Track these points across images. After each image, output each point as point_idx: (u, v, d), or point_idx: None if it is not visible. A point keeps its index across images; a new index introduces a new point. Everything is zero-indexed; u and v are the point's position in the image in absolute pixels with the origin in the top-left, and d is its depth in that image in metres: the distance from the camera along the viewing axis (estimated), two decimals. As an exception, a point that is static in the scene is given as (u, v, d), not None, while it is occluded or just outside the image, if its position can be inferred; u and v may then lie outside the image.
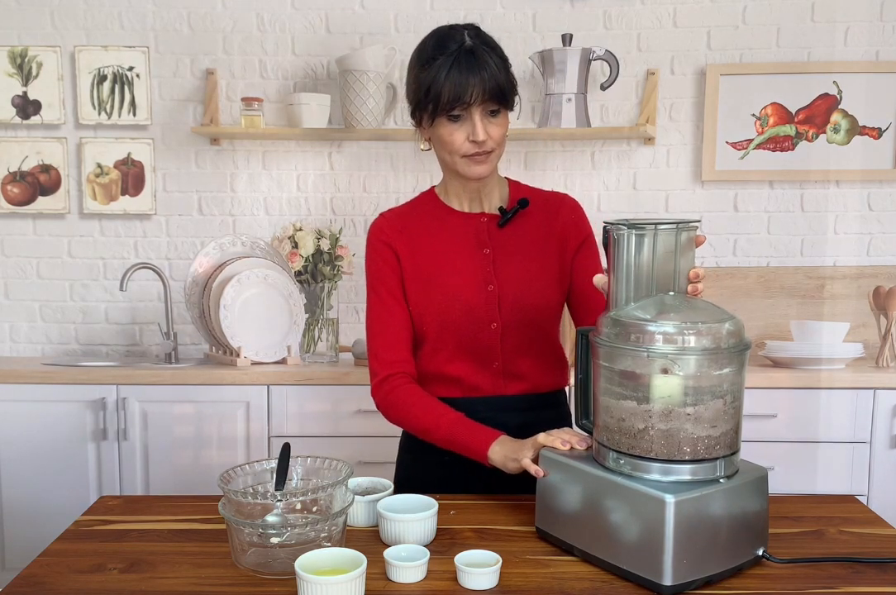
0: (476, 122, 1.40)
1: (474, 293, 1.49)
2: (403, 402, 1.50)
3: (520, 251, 1.53)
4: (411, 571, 1.12)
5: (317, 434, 2.58)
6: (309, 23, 2.97)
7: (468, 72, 1.38)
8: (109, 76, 2.96)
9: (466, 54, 1.39)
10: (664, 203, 2.98)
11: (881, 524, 1.35)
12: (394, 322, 1.52)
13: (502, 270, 1.51)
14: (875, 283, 2.81)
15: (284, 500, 1.20)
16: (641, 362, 1.10)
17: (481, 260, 1.52)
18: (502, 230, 1.53)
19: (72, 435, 2.59)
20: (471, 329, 1.49)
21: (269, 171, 3.03)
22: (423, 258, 1.53)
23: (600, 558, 1.15)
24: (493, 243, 1.53)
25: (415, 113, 1.48)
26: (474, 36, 1.42)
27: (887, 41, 2.88)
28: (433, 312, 1.50)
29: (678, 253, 1.15)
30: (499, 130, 1.43)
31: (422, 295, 1.51)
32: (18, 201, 3.00)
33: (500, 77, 1.40)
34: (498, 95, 1.40)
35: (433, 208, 1.58)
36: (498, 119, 1.43)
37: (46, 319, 3.07)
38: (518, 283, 1.50)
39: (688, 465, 1.10)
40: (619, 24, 2.93)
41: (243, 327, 2.69)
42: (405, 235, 1.54)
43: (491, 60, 1.39)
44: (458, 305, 1.49)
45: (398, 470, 1.65)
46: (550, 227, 1.55)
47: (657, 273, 1.14)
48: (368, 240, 1.57)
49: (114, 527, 1.34)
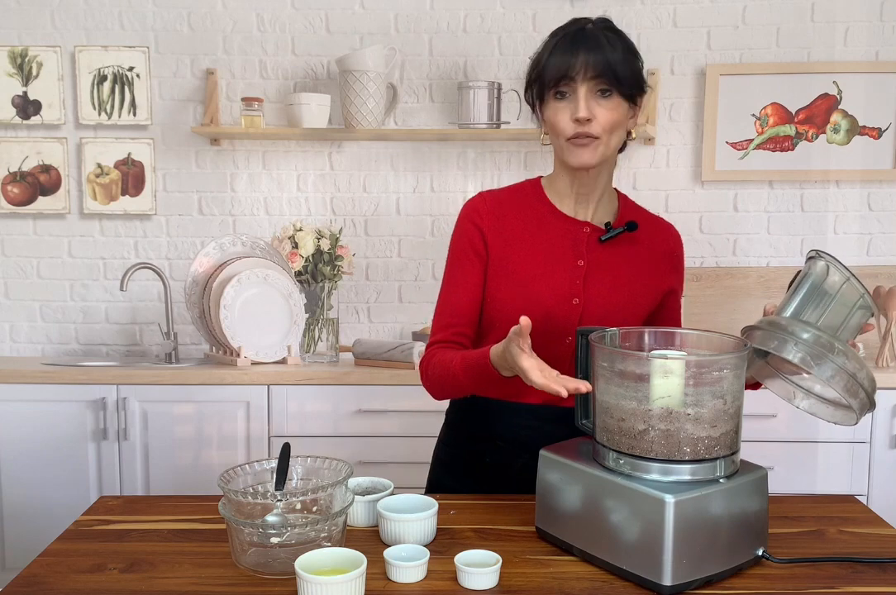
0: (580, 99, 1.32)
1: (557, 303, 1.42)
2: (434, 365, 1.42)
3: (614, 272, 1.45)
4: (411, 571, 1.12)
5: (317, 434, 2.58)
6: (309, 23, 2.97)
7: (578, 47, 1.32)
8: (109, 76, 2.96)
9: (581, 32, 1.34)
10: (664, 203, 2.98)
11: (881, 524, 1.35)
12: (462, 297, 1.45)
13: (592, 287, 1.43)
14: (875, 283, 2.81)
15: (284, 500, 1.20)
16: (641, 363, 1.11)
17: (573, 271, 1.43)
18: (602, 246, 1.45)
19: (72, 435, 2.59)
20: (543, 338, 1.40)
21: (269, 171, 3.03)
22: (512, 252, 1.44)
23: (600, 558, 1.15)
24: (589, 257, 1.44)
25: (527, 95, 1.41)
26: (599, 22, 1.38)
27: (887, 41, 2.88)
28: (510, 309, 1.42)
29: (853, 312, 1.21)
30: (608, 115, 1.33)
31: (502, 287, 1.43)
32: (19, 201, 3.00)
33: (614, 57, 1.32)
34: (607, 73, 1.31)
35: (536, 201, 1.48)
36: (609, 102, 1.33)
37: (47, 319, 3.07)
38: (605, 304, 1.43)
39: (688, 465, 1.10)
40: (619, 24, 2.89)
41: (243, 327, 2.70)
42: (500, 223, 1.45)
43: (608, 42, 1.33)
44: (538, 312, 1.40)
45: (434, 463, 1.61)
46: (651, 255, 1.49)
47: (832, 311, 1.20)
48: (460, 216, 1.49)
49: (114, 527, 1.34)
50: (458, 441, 1.56)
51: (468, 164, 3.00)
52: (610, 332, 1.24)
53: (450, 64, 2.97)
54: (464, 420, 1.55)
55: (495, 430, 1.50)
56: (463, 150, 3.00)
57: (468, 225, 1.47)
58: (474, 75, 2.95)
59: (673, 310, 1.55)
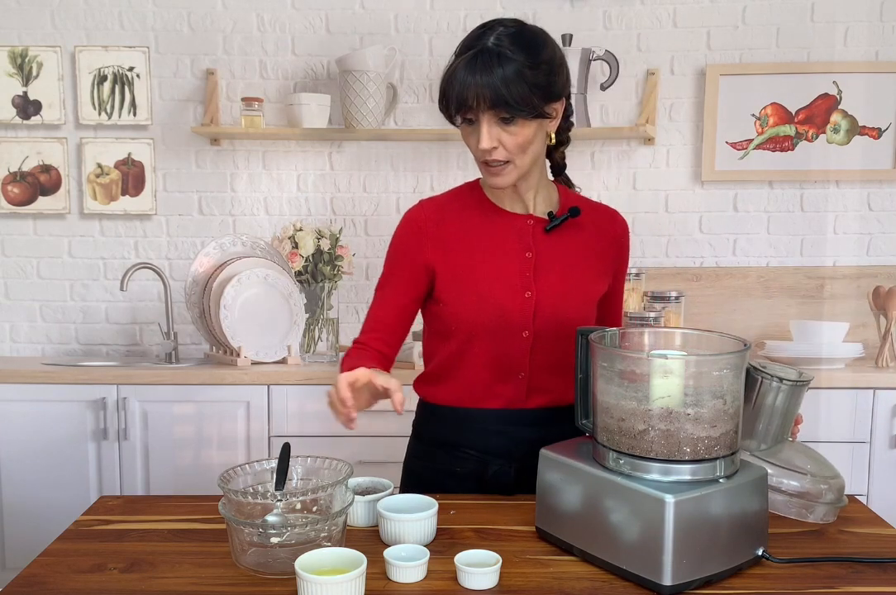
0: (482, 129, 1.32)
1: (509, 297, 1.42)
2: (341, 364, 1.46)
3: (563, 260, 1.46)
4: (411, 571, 1.12)
5: (317, 434, 2.58)
6: (309, 23, 2.97)
7: (474, 73, 1.29)
8: (110, 76, 2.96)
9: (482, 55, 1.29)
10: (664, 203, 2.98)
11: (881, 524, 1.35)
12: (389, 310, 1.49)
13: (543, 278, 1.44)
14: (875, 283, 2.81)
15: (284, 500, 1.20)
16: (641, 363, 1.11)
17: (521, 263, 1.44)
18: (548, 236, 1.46)
19: (72, 435, 2.59)
20: (500, 335, 1.42)
21: (269, 171, 3.03)
22: (459, 254, 1.45)
23: (600, 558, 1.15)
24: (536, 248, 1.45)
25: (441, 106, 1.41)
26: (505, 36, 1.31)
27: (887, 41, 2.88)
28: (463, 312, 1.43)
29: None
30: (512, 140, 1.33)
31: (453, 292, 1.44)
32: (19, 201, 3.00)
33: (506, 83, 1.28)
34: (501, 103, 1.29)
35: (476, 202, 1.49)
36: (513, 127, 1.32)
37: (47, 319, 3.07)
38: (557, 294, 1.44)
39: (688, 465, 1.10)
40: (618, 24, 2.93)
41: (243, 327, 2.70)
42: (441, 229, 1.46)
43: (506, 65, 1.28)
44: (491, 308, 1.41)
45: (405, 475, 1.61)
46: (598, 242, 1.50)
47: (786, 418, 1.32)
48: (400, 225, 1.49)
49: (114, 527, 1.34)
50: (428, 453, 1.54)
51: (468, 163, 3.00)
52: (610, 332, 1.24)
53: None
54: (430, 431, 1.55)
55: (464, 439, 1.49)
56: (463, 150, 3.00)
57: (406, 236, 1.48)
58: (474, 75, 2.95)
59: (619, 282, 1.58)
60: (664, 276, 2.94)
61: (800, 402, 1.33)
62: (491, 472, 1.49)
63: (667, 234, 2.98)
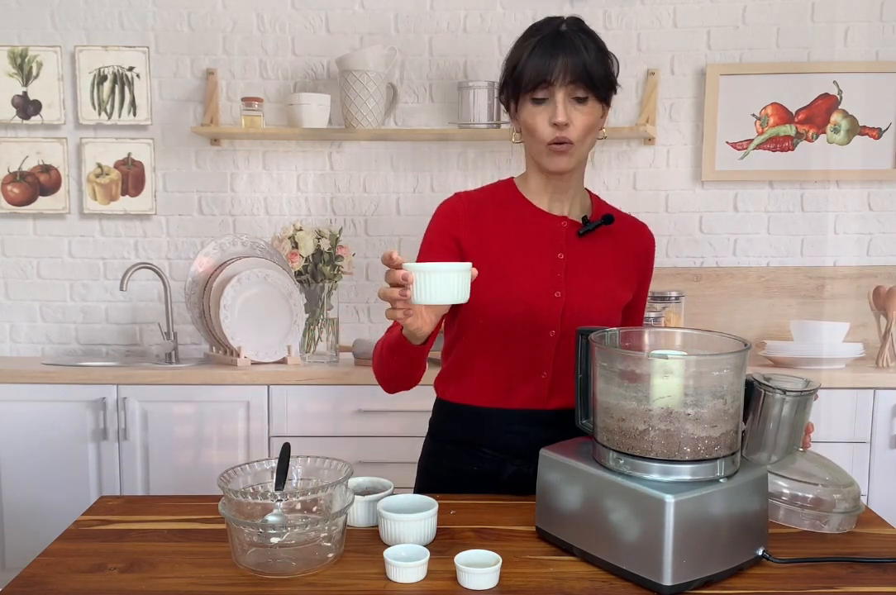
0: (558, 103, 1.34)
1: (539, 296, 1.43)
2: (374, 356, 1.48)
3: (593, 265, 1.47)
4: (411, 571, 1.12)
5: (317, 434, 2.58)
6: (309, 23, 2.97)
7: (554, 51, 1.33)
8: (109, 76, 2.96)
9: (557, 35, 1.35)
10: (664, 203, 2.98)
11: (881, 524, 1.35)
12: None
13: (573, 280, 1.44)
14: (875, 283, 2.81)
15: (284, 500, 1.20)
16: (641, 363, 1.11)
17: (553, 264, 1.45)
18: (580, 240, 1.47)
19: (72, 435, 2.59)
20: (526, 332, 1.42)
21: (269, 171, 3.03)
22: (491, 249, 1.44)
23: (600, 558, 1.15)
24: (568, 250, 1.46)
25: (502, 95, 1.43)
26: (572, 23, 1.39)
27: (887, 41, 2.88)
28: (490, 305, 1.42)
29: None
30: (584, 119, 1.36)
31: (482, 284, 1.38)
32: (19, 201, 3.00)
33: (590, 61, 1.34)
34: (584, 78, 1.34)
35: (511, 199, 1.49)
36: (585, 107, 1.36)
37: (47, 319, 3.07)
38: (586, 296, 1.44)
39: (688, 465, 1.10)
40: (618, 24, 2.93)
41: (243, 327, 2.70)
42: (477, 222, 1.46)
43: (583, 45, 1.35)
44: (520, 306, 1.41)
45: (420, 474, 1.60)
46: (627, 252, 1.51)
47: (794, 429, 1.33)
48: (436, 215, 1.50)
49: (114, 527, 1.34)
50: (444, 451, 1.54)
51: (468, 163, 3.00)
52: (610, 332, 1.24)
53: (450, 64, 2.97)
54: (448, 429, 1.54)
55: (482, 438, 1.49)
56: (463, 150, 3.00)
57: (443, 222, 1.48)
58: (474, 75, 2.95)
59: (642, 298, 1.60)
60: (664, 276, 2.94)
61: (808, 411, 1.33)
62: (509, 473, 1.48)
63: (667, 234, 2.98)
